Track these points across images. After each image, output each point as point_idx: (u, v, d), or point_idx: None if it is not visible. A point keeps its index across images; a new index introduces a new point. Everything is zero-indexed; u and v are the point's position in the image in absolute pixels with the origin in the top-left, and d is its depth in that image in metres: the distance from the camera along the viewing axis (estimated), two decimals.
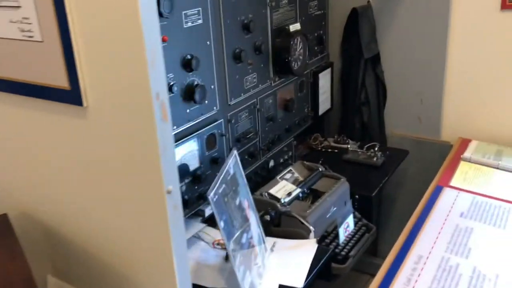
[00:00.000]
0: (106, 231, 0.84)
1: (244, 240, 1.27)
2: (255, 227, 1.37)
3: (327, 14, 2.03)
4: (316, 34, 1.97)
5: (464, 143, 2.06)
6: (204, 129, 1.41)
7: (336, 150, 2.09)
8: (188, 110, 1.35)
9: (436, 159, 2.02)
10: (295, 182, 1.70)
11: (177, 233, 0.73)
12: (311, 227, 1.49)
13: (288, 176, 1.73)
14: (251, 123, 1.65)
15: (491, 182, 1.77)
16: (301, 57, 1.79)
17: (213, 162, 1.46)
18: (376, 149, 1.98)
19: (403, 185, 2.25)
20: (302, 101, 1.96)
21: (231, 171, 1.28)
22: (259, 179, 1.74)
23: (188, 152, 1.37)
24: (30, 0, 0.72)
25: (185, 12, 1.28)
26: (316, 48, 1.99)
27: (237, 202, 1.27)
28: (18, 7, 0.74)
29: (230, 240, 1.17)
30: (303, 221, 1.50)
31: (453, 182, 1.78)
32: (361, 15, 2.08)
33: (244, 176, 1.36)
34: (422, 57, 2.10)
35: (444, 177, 1.82)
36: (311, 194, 1.69)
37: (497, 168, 1.85)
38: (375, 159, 1.96)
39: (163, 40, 1.22)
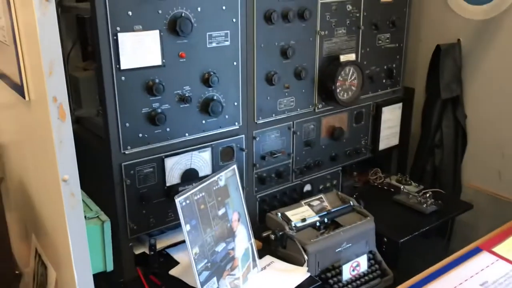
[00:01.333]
0: (41, 202, 1.02)
1: (219, 248, 1.35)
2: (242, 241, 1.43)
3: (404, 47, 1.96)
4: (385, 67, 1.92)
5: None
6: (220, 141, 1.53)
7: (392, 189, 2.00)
8: (204, 121, 1.48)
9: None
10: (320, 210, 1.70)
11: (73, 217, 0.87)
12: (305, 256, 1.49)
13: (315, 203, 1.74)
14: (283, 144, 1.71)
15: None
16: (353, 88, 1.78)
17: None
18: (428, 195, 1.85)
19: (468, 242, 2.04)
20: (359, 132, 1.93)
21: (221, 183, 1.37)
22: (287, 199, 1.78)
23: (199, 158, 1.50)
24: (3, 14, 0.94)
25: (210, 33, 1.41)
26: (384, 81, 1.94)
27: (220, 212, 1.36)
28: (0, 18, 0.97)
29: (195, 244, 1.27)
30: (300, 247, 1.51)
31: (496, 248, 1.58)
32: (444, 53, 1.96)
33: (240, 190, 1.44)
34: (508, 109, 1.89)
35: (490, 241, 1.63)
36: (332, 226, 1.67)
37: None
38: (424, 205, 1.83)
39: (181, 56, 1.38)
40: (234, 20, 1.46)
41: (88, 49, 1.63)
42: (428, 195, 1.85)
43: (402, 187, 1.96)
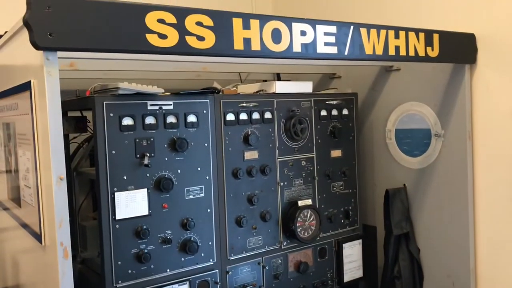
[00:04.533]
0: None
1: None
2: None
3: (358, 192, 2.35)
4: (342, 209, 2.29)
5: None
6: (197, 275, 1.84)
7: None
8: (183, 259, 1.81)
9: None
10: None
11: None
12: None
13: None
14: (254, 277, 2.01)
15: None
16: (312, 227, 2.13)
17: None
18: None
19: None
20: (324, 266, 2.23)
21: None
22: None
23: None
24: (33, 187, 1.37)
25: (187, 188, 1.82)
26: (342, 221, 2.29)
27: None
28: (29, 187, 1.41)
29: None
30: None
31: None
32: (392, 196, 2.34)
33: None
34: (452, 241, 2.20)
35: None
36: None
37: None
38: None
39: (164, 207, 1.77)
40: (207, 177, 1.88)
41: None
42: None
43: None
